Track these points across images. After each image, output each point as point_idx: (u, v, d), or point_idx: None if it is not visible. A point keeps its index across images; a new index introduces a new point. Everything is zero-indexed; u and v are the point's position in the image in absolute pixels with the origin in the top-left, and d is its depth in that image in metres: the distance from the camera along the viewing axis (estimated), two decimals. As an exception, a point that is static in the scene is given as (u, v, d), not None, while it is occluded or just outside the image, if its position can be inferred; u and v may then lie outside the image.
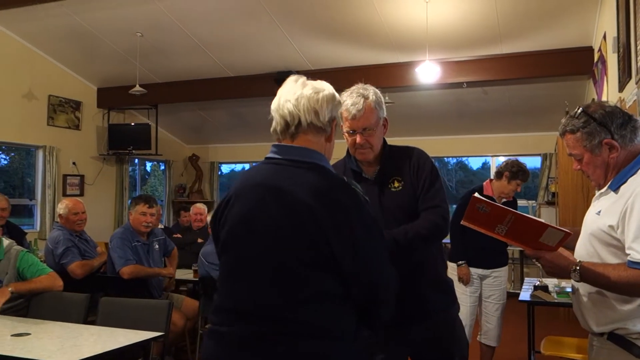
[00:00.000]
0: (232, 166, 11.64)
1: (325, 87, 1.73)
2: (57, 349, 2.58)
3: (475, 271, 4.23)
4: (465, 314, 4.15)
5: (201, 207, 6.68)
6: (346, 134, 2.30)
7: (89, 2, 6.19)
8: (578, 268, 1.81)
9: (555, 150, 6.81)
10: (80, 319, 3.23)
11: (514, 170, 4.14)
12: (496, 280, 4.25)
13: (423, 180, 2.26)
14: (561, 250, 1.87)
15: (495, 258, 4.28)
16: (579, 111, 1.92)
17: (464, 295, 4.19)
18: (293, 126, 1.69)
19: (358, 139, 2.25)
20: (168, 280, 4.74)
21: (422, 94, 8.10)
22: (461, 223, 2.04)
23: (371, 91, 2.28)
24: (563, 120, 1.97)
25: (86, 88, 8.73)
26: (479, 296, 4.27)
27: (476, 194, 1.93)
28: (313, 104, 1.67)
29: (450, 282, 2.41)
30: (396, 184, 2.29)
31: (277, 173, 1.66)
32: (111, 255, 4.37)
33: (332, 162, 1.81)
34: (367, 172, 2.35)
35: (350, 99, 2.26)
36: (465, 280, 4.21)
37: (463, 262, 4.22)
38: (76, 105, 8.53)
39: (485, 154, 8.98)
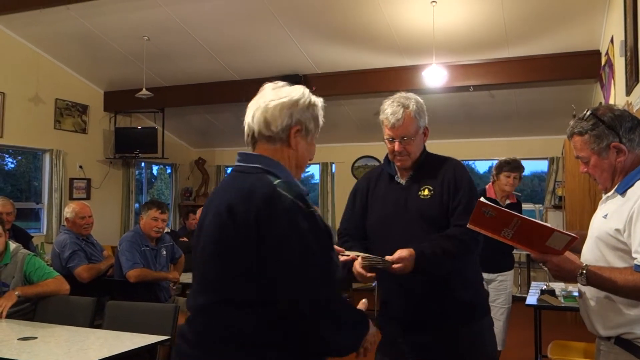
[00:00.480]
0: (238, 170, 11.62)
1: (287, 94, 1.71)
2: (64, 352, 2.58)
3: None
4: None
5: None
6: (386, 141, 2.36)
7: (96, 6, 6.22)
8: (584, 272, 1.79)
9: (562, 154, 6.78)
10: (86, 322, 3.23)
11: (498, 165, 4.25)
12: (502, 284, 4.24)
13: (460, 196, 2.24)
14: (567, 254, 1.85)
15: (501, 262, 4.26)
16: (588, 113, 1.91)
17: None
18: (249, 136, 1.76)
19: (396, 146, 2.30)
20: (173, 288, 4.71)
21: (428, 97, 8.05)
22: (467, 227, 2.02)
23: (412, 100, 2.35)
24: (571, 123, 1.97)
25: (93, 92, 8.76)
26: None
27: (482, 199, 1.92)
28: (263, 114, 1.70)
29: (481, 296, 2.37)
30: (426, 192, 2.29)
31: (226, 181, 1.73)
32: (119, 258, 4.38)
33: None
34: (401, 177, 2.38)
35: (390, 108, 2.33)
36: None
37: None
38: (83, 109, 8.57)
39: (492, 157, 8.93)
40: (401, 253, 2.10)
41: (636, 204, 1.74)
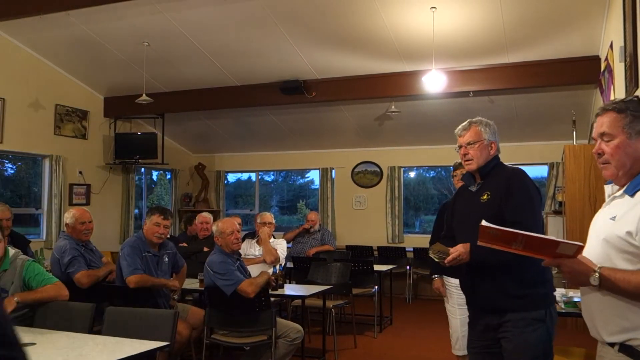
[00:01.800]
0: (239, 175, 11.65)
1: None
2: (63, 359, 2.57)
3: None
4: (455, 326, 4.14)
5: (207, 216, 6.68)
6: (459, 153, 2.88)
7: (97, 12, 6.24)
8: (597, 273, 1.78)
9: (562, 160, 6.78)
10: (85, 328, 3.22)
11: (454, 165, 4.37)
12: None
13: (513, 198, 2.61)
14: (580, 256, 1.85)
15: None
16: (633, 97, 1.92)
17: (452, 307, 4.17)
18: None
19: (462, 151, 2.83)
20: (173, 299, 4.68)
21: (428, 102, 8.10)
22: (478, 244, 2.09)
23: (483, 120, 2.87)
24: (612, 99, 1.97)
25: (93, 97, 8.78)
26: None
27: (483, 222, 2.03)
28: None
29: (535, 290, 2.59)
30: (485, 197, 2.72)
31: None
32: (120, 263, 4.36)
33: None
34: (473, 186, 2.84)
35: (463, 124, 2.89)
36: (441, 292, 4.18)
37: (436, 275, 4.21)
38: (83, 115, 8.58)
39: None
40: (458, 246, 2.60)
41: None
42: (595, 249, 1.91)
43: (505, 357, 2.63)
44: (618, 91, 4.49)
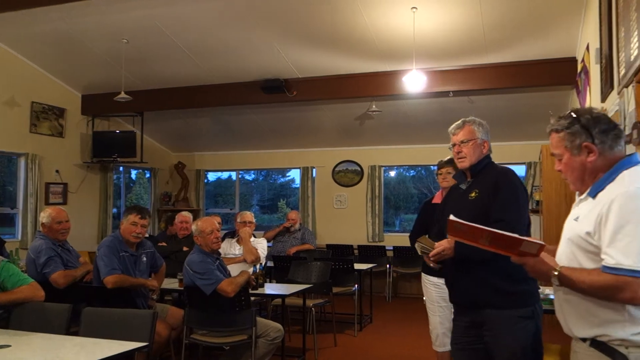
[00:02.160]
0: (219, 174, 11.60)
1: None
2: (39, 360, 2.53)
3: (439, 280, 4.20)
4: (435, 323, 4.19)
5: (186, 215, 6.63)
6: (452, 150, 2.94)
7: (74, 8, 6.14)
8: (557, 273, 1.87)
9: (539, 159, 6.87)
10: (62, 329, 3.17)
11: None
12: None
13: (499, 196, 2.67)
14: (544, 255, 1.93)
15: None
16: (568, 113, 1.99)
17: (432, 305, 4.21)
18: None
19: (454, 149, 2.89)
20: (152, 299, 4.62)
21: (408, 102, 8.14)
22: (447, 236, 2.16)
23: (476, 119, 2.92)
24: (552, 121, 2.04)
25: (70, 95, 8.66)
26: (449, 305, 4.21)
27: (451, 217, 2.11)
28: None
29: (519, 287, 2.61)
30: (473, 194, 2.78)
31: None
32: (97, 263, 4.31)
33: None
34: (463, 184, 2.90)
35: (457, 122, 2.95)
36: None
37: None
38: (60, 112, 8.46)
39: (470, 162, 9.02)
40: (442, 241, 2.64)
41: (605, 207, 1.80)
42: (564, 248, 1.99)
43: (495, 354, 2.64)
44: (594, 92, 4.56)
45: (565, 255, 1.97)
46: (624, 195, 1.78)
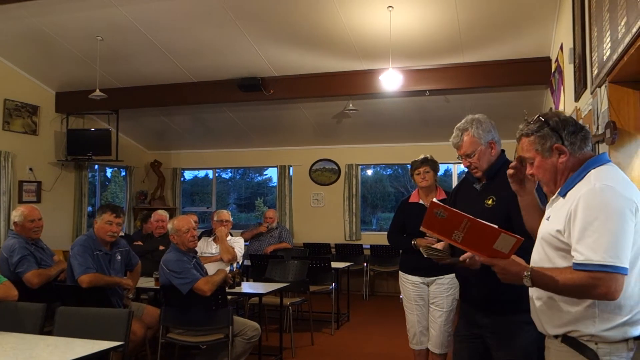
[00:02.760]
0: (195, 172, 11.53)
1: None
2: (11, 361, 2.50)
3: (416, 279, 4.24)
4: (412, 321, 4.22)
5: (163, 213, 6.59)
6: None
7: (48, 4, 6.05)
8: (529, 274, 1.89)
9: (514, 157, 6.96)
10: (36, 329, 3.14)
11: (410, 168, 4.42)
12: (440, 287, 4.17)
13: (513, 201, 2.47)
14: (514, 257, 1.95)
15: (438, 266, 4.12)
16: (536, 117, 2.04)
17: (409, 303, 4.24)
18: None
19: (463, 162, 2.83)
20: (127, 298, 4.57)
21: (385, 101, 8.18)
22: (421, 229, 2.15)
23: (473, 123, 2.79)
24: (521, 126, 2.08)
25: (44, 92, 8.53)
26: (427, 304, 4.24)
27: (434, 199, 2.05)
28: None
29: (526, 294, 2.50)
30: (490, 202, 2.71)
31: None
32: (71, 262, 4.26)
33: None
34: (479, 183, 2.83)
35: (454, 134, 2.85)
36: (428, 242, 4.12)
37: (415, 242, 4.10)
38: (33, 110, 8.32)
39: (447, 161, 9.10)
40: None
41: (573, 205, 1.84)
42: (537, 248, 2.03)
43: (498, 358, 2.64)
44: (568, 92, 4.63)
45: (538, 254, 2.01)
46: (590, 192, 1.82)
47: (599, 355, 1.81)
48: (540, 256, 1.98)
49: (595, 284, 1.73)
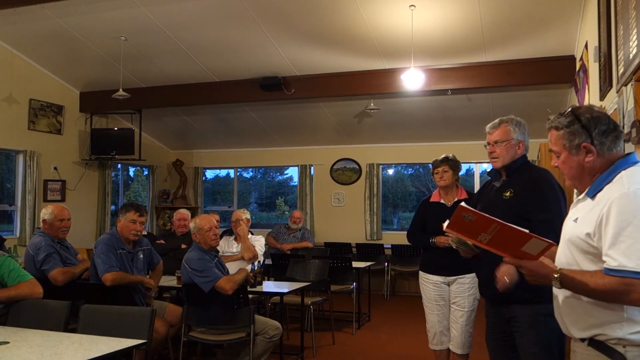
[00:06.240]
0: (217, 172, 11.59)
1: None
2: (37, 358, 2.53)
3: (437, 279, 4.20)
4: (432, 322, 4.19)
5: (184, 212, 6.62)
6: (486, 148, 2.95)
7: (73, 5, 6.14)
8: (558, 276, 1.85)
9: (537, 157, 6.86)
10: (60, 326, 3.17)
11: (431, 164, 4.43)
12: (461, 286, 4.14)
13: (539, 197, 2.70)
14: (542, 258, 1.91)
15: (459, 265, 3.97)
16: (568, 110, 1.97)
17: (429, 303, 4.21)
18: None
19: (489, 148, 2.91)
20: (150, 297, 4.61)
21: (406, 100, 8.14)
22: (445, 230, 2.11)
23: (514, 119, 2.91)
24: (552, 117, 2.01)
25: (68, 92, 8.65)
26: (447, 303, 4.21)
27: (463, 203, 1.99)
28: None
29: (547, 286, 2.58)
30: (508, 194, 2.79)
31: None
32: (95, 261, 4.31)
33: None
34: (497, 182, 2.93)
35: (492, 122, 2.95)
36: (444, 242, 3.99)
37: (434, 239, 4.11)
38: (58, 110, 8.45)
39: (469, 160, 9.03)
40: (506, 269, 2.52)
41: (605, 208, 1.78)
42: (564, 250, 1.97)
43: (520, 351, 2.66)
44: (592, 91, 4.56)
45: (564, 257, 1.96)
46: (623, 196, 1.77)
47: (627, 358, 1.77)
48: (568, 259, 1.93)
49: (629, 290, 1.70)
